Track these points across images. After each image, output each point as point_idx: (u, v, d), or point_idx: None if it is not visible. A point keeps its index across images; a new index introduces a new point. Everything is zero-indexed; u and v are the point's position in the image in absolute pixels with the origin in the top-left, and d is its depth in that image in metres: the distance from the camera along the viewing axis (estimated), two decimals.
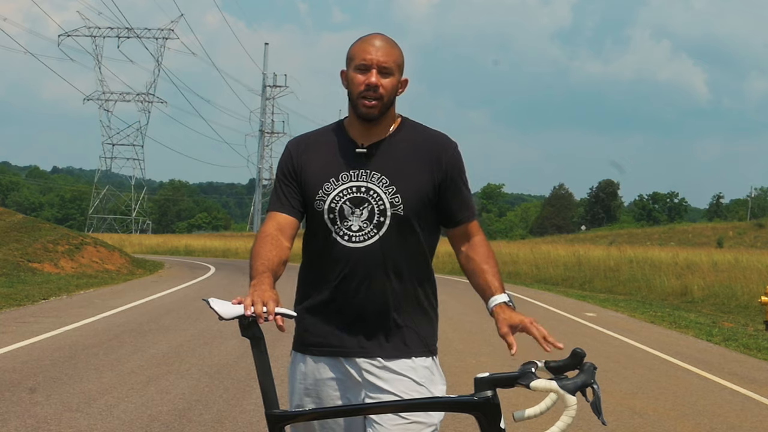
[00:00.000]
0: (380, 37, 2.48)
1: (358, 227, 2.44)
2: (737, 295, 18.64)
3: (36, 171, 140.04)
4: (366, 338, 2.45)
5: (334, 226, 2.45)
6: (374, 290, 2.44)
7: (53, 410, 5.75)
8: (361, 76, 2.44)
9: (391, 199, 2.45)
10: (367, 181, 2.46)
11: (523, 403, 2.26)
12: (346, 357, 2.45)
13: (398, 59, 2.48)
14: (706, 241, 62.55)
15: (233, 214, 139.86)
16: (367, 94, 2.43)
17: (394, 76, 2.46)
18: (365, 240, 2.44)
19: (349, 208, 2.45)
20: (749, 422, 6.39)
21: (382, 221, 2.44)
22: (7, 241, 22.05)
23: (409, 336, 2.47)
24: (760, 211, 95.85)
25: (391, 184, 2.46)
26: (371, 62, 2.43)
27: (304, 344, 2.51)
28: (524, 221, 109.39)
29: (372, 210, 2.45)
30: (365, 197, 2.45)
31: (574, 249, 34.17)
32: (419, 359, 2.46)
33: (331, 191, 2.46)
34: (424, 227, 2.51)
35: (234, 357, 8.22)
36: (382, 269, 2.44)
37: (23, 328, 9.94)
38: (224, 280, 22.59)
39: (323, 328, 2.48)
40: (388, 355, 2.44)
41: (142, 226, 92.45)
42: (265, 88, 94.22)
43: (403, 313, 2.47)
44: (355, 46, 2.49)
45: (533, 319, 2.37)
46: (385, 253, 2.44)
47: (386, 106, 2.46)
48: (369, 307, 2.44)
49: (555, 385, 2.06)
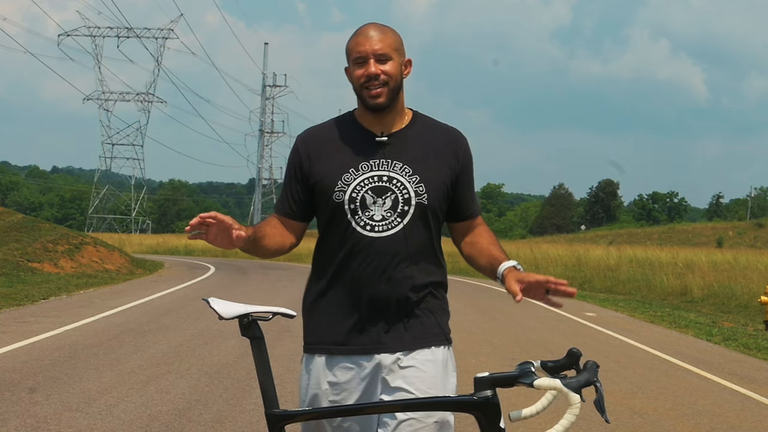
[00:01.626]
0: (371, 26, 2.47)
1: (381, 216, 2.43)
2: (737, 295, 18.63)
3: (36, 171, 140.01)
4: (385, 331, 2.43)
5: (354, 217, 2.43)
6: (396, 279, 2.42)
7: (53, 410, 5.75)
8: (359, 69, 2.44)
9: (415, 188, 2.44)
10: (389, 171, 2.45)
11: (523, 403, 2.26)
12: (365, 354, 2.42)
13: (393, 43, 2.46)
14: (705, 240, 62.57)
15: (233, 214, 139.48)
16: (369, 84, 2.42)
17: (393, 60, 2.44)
18: (389, 229, 2.43)
19: (372, 198, 2.43)
20: (749, 422, 6.39)
21: (406, 210, 2.43)
22: (7, 241, 22.04)
23: (428, 322, 2.46)
24: (759, 211, 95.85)
25: (414, 174, 2.45)
26: (366, 53, 2.42)
27: (319, 343, 2.47)
28: (524, 221, 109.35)
29: (396, 199, 2.43)
30: (388, 186, 2.44)
31: (574, 249, 34.16)
32: (438, 349, 2.46)
33: (351, 181, 2.44)
34: (440, 218, 2.52)
35: (234, 357, 8.22)
36: (404, 258, 2.43)
37: (23, 327, 9.93)
38: (224, 279, 22.56)
39: (340, 325, 2.45)
40: (408, 346, 2.42)
41: (142, 225, 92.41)
42: (265, 87, 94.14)
43: (423, 302, 2.46)
44: (350, 41, 2.48)
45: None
46: (408, 241, 2.43)
47: (394, 91, 2.45)
48: (390, 296, 2.42)
49: (559, 383, 2.06)
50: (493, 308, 15.25)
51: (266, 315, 2.27)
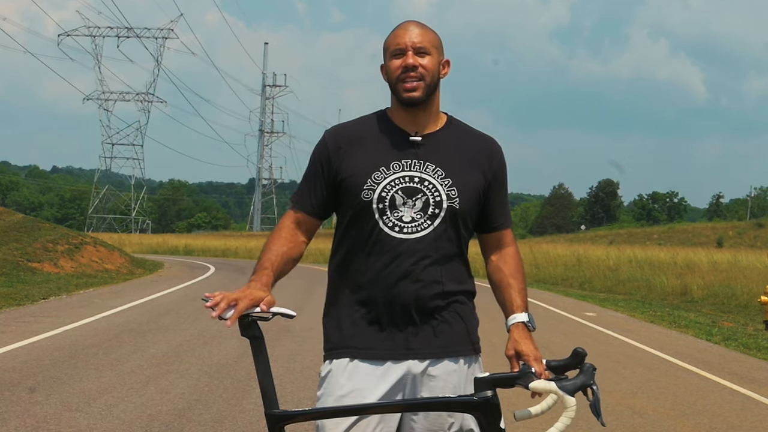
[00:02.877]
0: (412, 23, 2.44)
1: (411, 218, 2.36)
2: (737, 295, 18.63)
3: (36, 171, 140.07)
4: (414, 336, 2.36)
5: (382, 217, 2.36)
6: (424, 282, 2.35)
7: (53, 410, 5.75)
8: (397, 61, 2.38)
9: (447, 191, 2.38)
10: (421, 172, 2.38)
11: (523, 403, 2.25)
12: (393, 360, 2.36)
13: (434, 40, 2.41)
14: (705, 240, 62.53)
15: (233, 214, 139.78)
16: (405, 76, 2.36)
17: (432, 55, 2.39)
18: (418, 231, 2.36)
19: (401, 198, 2.36)
20: (749, 422, 6.39)
21: (436, 213, 2.37)
22: (7, 241, 22.03)
23: (458, 328, 2.41)
24: (759, 211, 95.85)
25: (446, 177, 2.38)
26: (405, 45, 2.37)
27: (344, 347, 2.39)
28: (524, 221, 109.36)
29: (427, 201, 2.36)
30: (419, 188, 2.37)
31: (574, 249, 34.16)
32: (466, 360, 2.42)
33: (382, 180, 2.37)
34: (470, 226, 2.46)
35: (234, 357, 8.22)
36: (433, 261, 2.36)
37: (23, 327, 9.93)
38: (224, 279, 22.57)
39: (365, 328, 2.38)
40: (436, 354, 2.37)
41: (142, 225, 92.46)
42: (265, 87, 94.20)
43: (451, 306, 2.40)
44: (389, 37, 2.43)
45: (540, 356, 2.31)
46: (437, 245, 2.36)
47: (430, 88, 2.38)
48: (419, 300, 2.35)
49: (554, 386, 2.06)
50: (493, 308, 15.16)
51: (266, 315, 2.26)
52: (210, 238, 60.49)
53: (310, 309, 8.01)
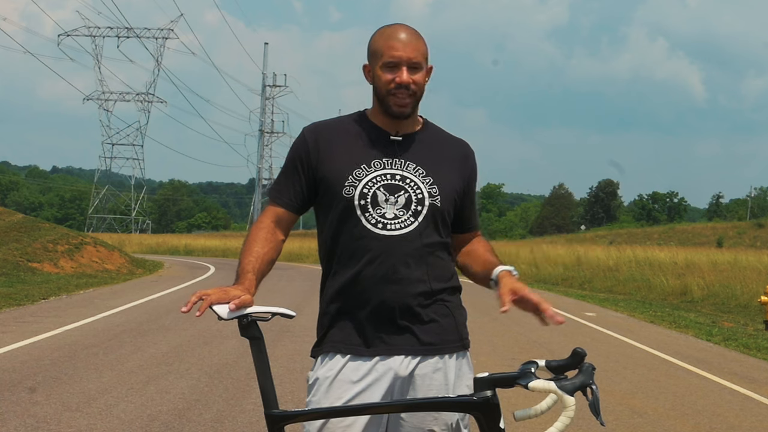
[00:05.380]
0: (404, 29, 2.40)
1: (394, 215, 2.36)
2: (737, 295, 18.63)
3: (35, 171, 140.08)
4: (400, 333, 2.36)
5: (364, 214, 2.36)
6: (410, 279, 2.35)
7: (53, 410, 5.75)
8: (389, 75, 2.37)
9: (429, 189, 2.40)
10: (402, 170, 2.40)
11: (523, 403, 2.26)
12: (380, 356, 2.36)
13: (424, 50, 2.41)
14: (705, 240, 62.51)
15: (233, 214, 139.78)
16: (398, 92, 2.36)
17: (422, 69, 2.40)
18: (402, 228, 2.36)
19: (384, 195, 2.37)
20: (749, 422, 6.39)
21: (419, 210, 2.38)
22: (7, 241, 22.03)
23: (447, 324, 2.41)
24: (759, 211, 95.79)
25: (427, 175, 2.41)
26: (400, 59, 2.35)
27: (331, 344, 2.40)
28: (524, 221, 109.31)
29: (409, 198, 2.38)
30: (401, 185, 2.39)
31: (574, 249, 34.14)
32: (452, 357, 2.41)
33: (363, 177, 2.38)
34: (449, 225, 2.47)
35: (234, 357, 8.22)
36: (418, 258, 2.36)
37: (23, 327, 9.93)
38: (224, 279, 22.56)
39: (352, 326, 2.38)
40: (423, 351, 2.36)
41: (142, 225, 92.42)
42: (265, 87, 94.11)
43: (439, 302, 2.41)
44: (380, 41, 2.40)
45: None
46: (422, 241, 2.37)
47: (418, 100, 2.42)
48: (405, 297, 2.35)
49: (553, 385, 2.06)
50: (493, 308, 15.19)
51: (266, 315, 2.26)
52: (210, 238, 60.47)
53: (310, 309, 8.00)
